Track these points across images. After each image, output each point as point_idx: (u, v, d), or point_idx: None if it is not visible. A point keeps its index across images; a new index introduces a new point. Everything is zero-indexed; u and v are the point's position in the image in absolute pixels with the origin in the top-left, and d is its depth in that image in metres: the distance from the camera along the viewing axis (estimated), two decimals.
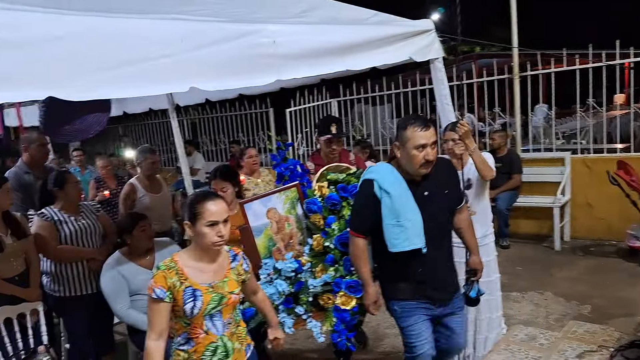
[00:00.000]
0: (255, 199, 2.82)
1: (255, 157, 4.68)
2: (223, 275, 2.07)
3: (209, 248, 1.99)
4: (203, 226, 1.95)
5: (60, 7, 1.85)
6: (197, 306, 1.94)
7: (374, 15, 3.13)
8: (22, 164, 3.95)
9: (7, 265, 2.99)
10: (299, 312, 2.74)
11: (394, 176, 2.39)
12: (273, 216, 2.90)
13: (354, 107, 9.01)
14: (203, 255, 2.03)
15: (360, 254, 2.48)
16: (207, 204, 1.96)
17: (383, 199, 2.34)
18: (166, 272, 1.94)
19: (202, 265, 2.03)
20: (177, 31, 2.09)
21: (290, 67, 2.48)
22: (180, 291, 1.93)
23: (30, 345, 2.93)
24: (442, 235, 2.51)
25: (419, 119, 2.36)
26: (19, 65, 1.64)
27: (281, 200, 2.92)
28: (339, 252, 2.76)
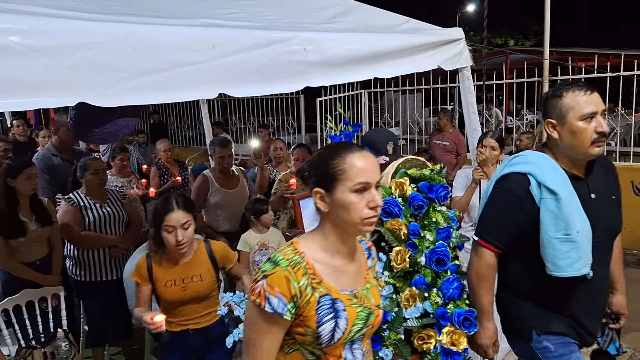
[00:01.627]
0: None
1: (280, 150, 4.71)
2: (364, 280, 1.43)
3: (354, 230, 1.34)
4: (348, 192, 1.28)
5: (94, 12, 1.89)
6: (340, 328, 1.29)
7: (406, 22, 3.13)
8: (51, 147, 4.03)
9: (29, 250, 3.10)
10: (386, 358, 1.94)
11: (556, 170, 1.80)
12: None
13: (384, 95, 9.00)
14: (340, 245, 1.36)
15: (486, 274, 1.89)
16: (353, 159, 1.30)
17: (545, 202, 1.75)
18: (289, 271, 1.27)
19: (338, 261, 1.37)
20: (209, 38, 2.11)
21: (320, 74, 2.50)
22: (311, 302, 1.28)
23: (50, 329, 3.02)
24: (607, 254, 1.92)
25: (577, 84, 1.80)
26: (52, 72, 1.67)
27: None
28: (431, 272, 2.04)
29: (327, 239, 1.35)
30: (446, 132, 6.41)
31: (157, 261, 2.40)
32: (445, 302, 2.00)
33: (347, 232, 1.35)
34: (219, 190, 3.93)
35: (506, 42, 23.22)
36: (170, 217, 2.27)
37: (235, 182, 4.05)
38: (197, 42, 2.07)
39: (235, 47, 2.19)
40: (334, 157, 1.32)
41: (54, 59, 1.65)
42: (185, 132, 11.51)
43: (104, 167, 3.34)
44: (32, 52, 1.61)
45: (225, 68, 2.16)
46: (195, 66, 2.05)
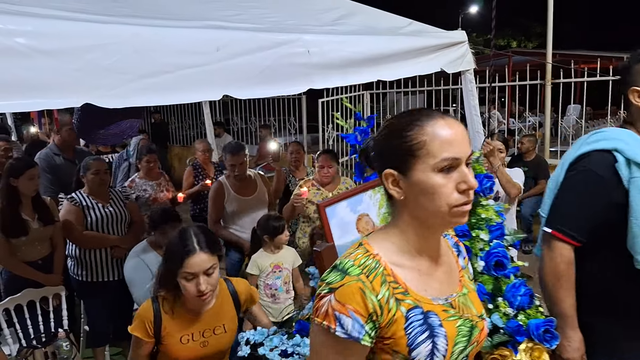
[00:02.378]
0: (340, 200, 1.78)
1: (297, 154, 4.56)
2: (459, 284, 1.14)
3: (441, 222, 1.03)
4: (430, 171, 0.99)
5: (98, 14, 1.90)
6: (439, 349, 1.00)
7: (409, 25, 3.13)
8: (53, 146, 4.05)
9: (31, 249, 3.11)
10: None
11: None
12: (365, 228, 1.87)
13: (386, 96, 9.01)
14: (423, 243, 1.07)
15: (565, 271, 1.58)
16: (435, 127, 1.00)
17: (636, 182, 1.48)
18: (364, 281, 0.98)
19: (423, 263, 1.08)
20: (213, 40, 2.11)
21: (323, 77, 2.50)
22: (397, 320, 0.99)
23: (51, 328, 3.03)
24: None
25: None
26: (57, 74, 1.67)
27: (375, 201, 1.84)
28: (491, 278, 1.73)
29: (405, 235, 1.06)
30: None
31: (167, 310, 1.88)
32: (515, 313, 1.67)
33: (431, 226, 1.04)
34: (235, 198, 3.69)
35: (509, 43, 23.22)
36: (191, 262, 1.80)
37: (252, 187, 3.79)
38: (201, 44, 2.07)
39: (239, 50, 2.18)
40: (409, 126, 1.01)
41: (60, 60, 1.65)
42: (186, 131, 11.52)
43: (105, 167, 3.35)
44: (37, 54, 1.61)
45: (228, 70, 2.16)
46: (199, 68, 2.05)
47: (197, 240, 1.84)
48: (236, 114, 10.51)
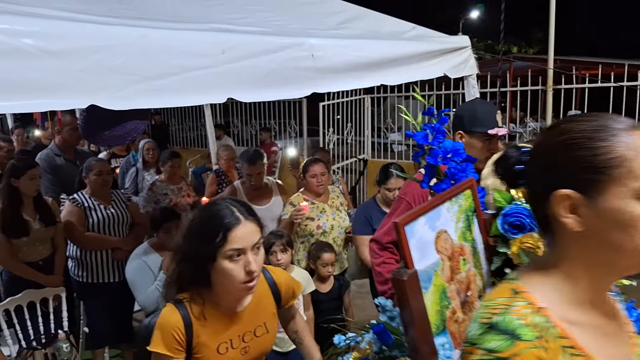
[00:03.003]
0: (419, 215, 1.33)
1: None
2: (630, 346, 0.87)
3: (634, 266, 0.80)
4: (630, 198, 0.76)
5: (105, 16, 1.90)
6: None
7: (412, 29, 3.14)
8: (54, 146, 4.05)
9: (32, 250, 3.11)
10: None
11: None
12: (444, 247, 1.42)
13: (387, 100, 9.03)
14: (597, 294, 0.84)
15: None
16: (638, 140, 0.77)
17: None
18: (543, 347, 0.74)
19: (598, 319, 0.83)
20: (218, 43, 2.11)
21: (327, 81, 2.51)
22: None
23: (51, 330, 3.03)
24: None
25: None
26: (63, 75, 1.67)
27: (453, 215, 1.44)
28: None
29: (575, 281, 0.81)
30: None
31: (197, 315, 1.50)
32: None
33: (619, 269, 0.80)
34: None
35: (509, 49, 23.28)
36: (237, 235, 1.42)
37: (267, 196, 3.61)
38: (206, 47, 2.07)
39: (244, 53, 2.19)
40: (599, 134, 0.77)
41: (66, 61, 1.65)
42: (186, 133, 11.51)
43: (107, 169, 3.35)
44: (44, 55, 1.61)
45: (234, 73, 2.16)
46: (205, 71, 2.05)
47: (238, 209, 1.47)
48: (237, 117, 10.52)
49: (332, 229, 3.36)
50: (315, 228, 3.34)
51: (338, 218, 3.43)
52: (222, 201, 1.53)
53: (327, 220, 3.38)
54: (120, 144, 3.02)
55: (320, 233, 3.33)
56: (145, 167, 4.91)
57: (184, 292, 1.53)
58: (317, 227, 3.34)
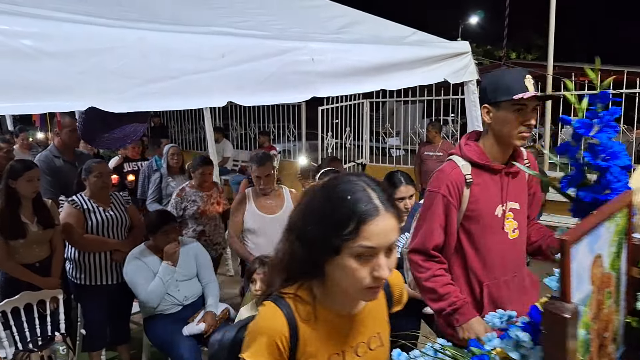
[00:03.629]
0: (587, 232, 1.03)
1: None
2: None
3: None
4: None
5: (105, 17, 1.90)
6: None
7: (413, 34, 3.14)
8: (53, 148, 4.02)
9: (29, 252, 3.09)
10: None
11: None
12: (598, 276, 1.12)
13: (385, 105, 9.05)
14: None
15: None
16: None
17: None
18: None
19: None
20: (219, 47, 2.10)
21: (327, 85, 2.50)
22: None
23: (48, 332, 3.00)
24: None
25: None
26: (63, 76, 1.66)
27: (609, 235, 1.18)
28: None
29: None
30: (436, 143, 6.64)
31: (305, 317, 1.17)
32: None
33: None
34: (255, 214, 3.37)
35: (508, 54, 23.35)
36: (375, 229, 1.06)
37: (278, 205, 3.43)
38: (207, 50, 2.07)
39: (245, 56, 2.19)
40: None
41: (65, 63, 1.64)
42: (185, 135, 11.52)
43: (108, 170, 3.34)
44: (43, 56, 1.60)
45: (234, 77, 2.16)
46: (205, 74, 2.05)
47: (378, 195, 1.08)
48: (235, 120, 10.52)
49: None
50: None
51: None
52: (358, 178, 1.13)
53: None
54: (119, 146, 3.01)
55: None
56: (169, 172, 4.75)
57: (290, 284, 1.20)
58: None
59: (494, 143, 1.94)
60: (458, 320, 1.87)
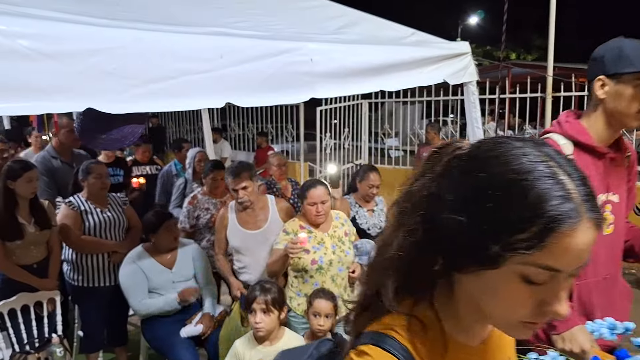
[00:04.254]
0: None
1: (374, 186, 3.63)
2: None
3: None
4: None
5: (103, 18, 1.89)
6: None
7: (412, 35, 3.13)
8: (51, 149, 4.02)
9: (26, 253, 3.08)
10: None
11: None
12: None
13: (384, 105, 9.03)
14: None
15: None
16: None
17: None
18: None
19: None
20: (217, 47, 2.10)
21: (325, 85, 2.49)
22: None
23: (45, 334, 2.99)
24: None
25: None
26: (60, 77, 1.65)
27: None
28: None
29: None
30: (435, 144, 6.53)
31: (427, 354, 0.76)
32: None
33: None
34: (237, 230, 3.09)
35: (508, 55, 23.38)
36: (569, 241, 0.64)
37: (262, 219, 3.11)
38: (205, 50, 2.06)
39: (243, 57, 2.18)
40: None
41: (63, 63, 1.63)
42: (183, 136, 11.49)
43: (106, 172, 3.33)
44: (40, 57, 1.59)
45: (232, 77, 2.15)
46: (204, 75, 2.04)
47: (576, 186, 0.66)
48: (233, 120, 10.51)
49: (330, 265, 2.84)
50: (310, 263, 2.80)
51: (339, 252, 2.88)
52: (540, 151, 0.69)
53: (324, 254, 2.83)
54: (116, 147, 2.99)
55: (316, 269, 2.81)
56: (195, 178, 4.44)
57: (397, 307, 0.77)
58: (312, 262, 2.81)
59: (603, 122, 1.68)
60: (558, 327, 1.55)
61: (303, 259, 2.79)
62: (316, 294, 2.56)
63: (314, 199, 2.84)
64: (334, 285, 2.83)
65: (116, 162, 4.78)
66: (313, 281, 2.84)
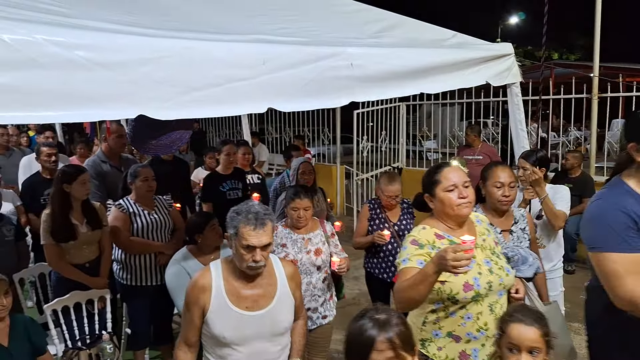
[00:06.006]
0: None
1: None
2: None
3: None
4: None
5: (152, 28, 1.96)
6: None
7: (453, 37, 3.12)
8: (101, 153, 4.20)
9: (79, 253, 3.23)
10: None
11: None
12: None
13: (422, 107, 8.94)
14: None
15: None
16: None
17: None
18: None
19: None
20: (259, 54, 2.14)
21: (365, 89, 2.51)
22: None
23: (95, 330, 3.12)
24: None
25: None
26: (113, 86, 1.74)
27: None
28: None
29: None
30: (476, 146, 6.42)
31: None
32: None
33: None
34: (229, 312, 2.04)
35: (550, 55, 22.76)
36: None
37: (265, 292, 2.11)
38: (248, 58, 2.11)
39: (284, 63, 2.22)
40: None
41: (116, 73, 1.72)
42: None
43: (153, 175, 3.44)
44: (96, 67, 1.68)
45: (274, 83, 2.20)
46: (246, 81, 2.09)
47: None
48: (271, 124, 10.65)
49: (489, 290, 1.97)
50: (462, 288, 1.94)
51: (497, 269, 2.02)
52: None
53: (479, 274, 1.97)
54: (165, 153, 3.09)
55: (471, 297, 1.95)
56: None
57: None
58: (466, 287, 1.94)
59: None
60: None
61: (449, 282, 1.92)
62: (512, 316, 1.71)
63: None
64: (493, 317, 1.97)
65: (235, 174, 4.45)
66: (463, 314, 1.97)
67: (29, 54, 1.54)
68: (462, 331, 1.97)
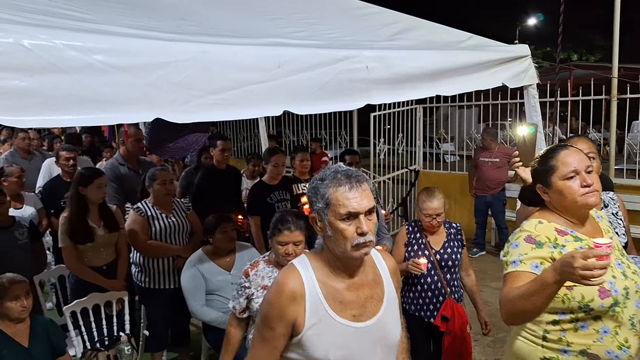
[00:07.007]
0: None
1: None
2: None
3: None
4: None
5: (169, 32, 1.98)
6: None
7: (469, 39, 3.09)
8: (119, 156, 4.26)
9: (96, 255, 3.27)
10: None
11: None
12: None
13: (439, 109, 8.89)
14: None
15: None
16: None
17: None
18: None
19: None
20: (275, 57, 2.14)
21: (382, 92, 2.50)
22: None
23: (114, 332, 3.16)
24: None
25: None
26: (131, 89, 1.75)
27: None
28: None
29: None
30: (493, 149, 6.36)
31: None
32: None
33: None
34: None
35: (569, 57, 22.45)
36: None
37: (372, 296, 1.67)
38: (264, 61, 2.11)
39: (300, 66, 2.22)
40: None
41: (134, 76, 1.73)
42: (240, 143, 11.78)
43: (171, 178, 3.48)
44: (113, 70, 1.69)
45: (290, 86, 2.19)
46: (262, 84, 2.09)
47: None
48: (288, 127, 10.68)
49: (626, 298, 1.67)
50: (598, 294, 1.63)
51: (632, 274, 1.73)
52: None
53: (614, 278, 1.66)
54: (182, 155, 3.14)
55: (609, 306, 1.64)
56: None
57: None
58: (602, 293, 1.63)
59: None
60: None
61: (579, 287, 1.57)
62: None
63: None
64: (633, 332, 1.67)
65: (282, 184, 4.20)
66: (598, 327, 1.65)
67: (48, 59, 1.56)
68: (600, 349, 1.62)
